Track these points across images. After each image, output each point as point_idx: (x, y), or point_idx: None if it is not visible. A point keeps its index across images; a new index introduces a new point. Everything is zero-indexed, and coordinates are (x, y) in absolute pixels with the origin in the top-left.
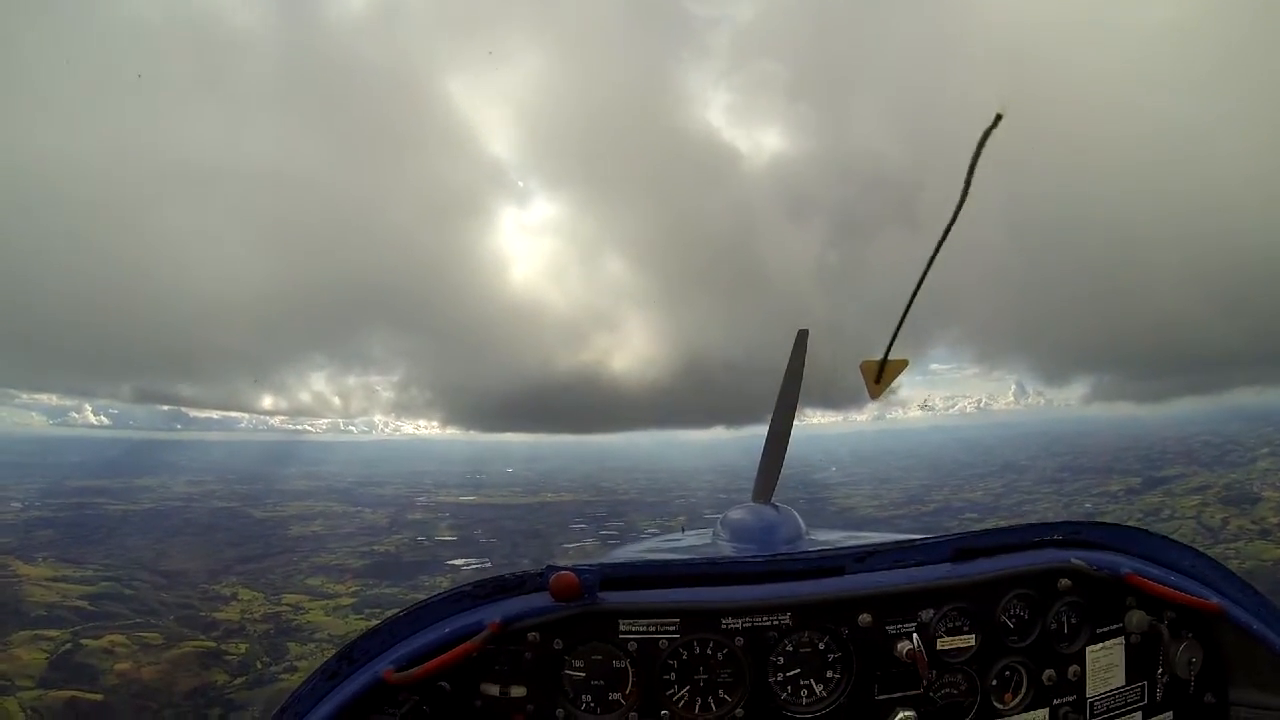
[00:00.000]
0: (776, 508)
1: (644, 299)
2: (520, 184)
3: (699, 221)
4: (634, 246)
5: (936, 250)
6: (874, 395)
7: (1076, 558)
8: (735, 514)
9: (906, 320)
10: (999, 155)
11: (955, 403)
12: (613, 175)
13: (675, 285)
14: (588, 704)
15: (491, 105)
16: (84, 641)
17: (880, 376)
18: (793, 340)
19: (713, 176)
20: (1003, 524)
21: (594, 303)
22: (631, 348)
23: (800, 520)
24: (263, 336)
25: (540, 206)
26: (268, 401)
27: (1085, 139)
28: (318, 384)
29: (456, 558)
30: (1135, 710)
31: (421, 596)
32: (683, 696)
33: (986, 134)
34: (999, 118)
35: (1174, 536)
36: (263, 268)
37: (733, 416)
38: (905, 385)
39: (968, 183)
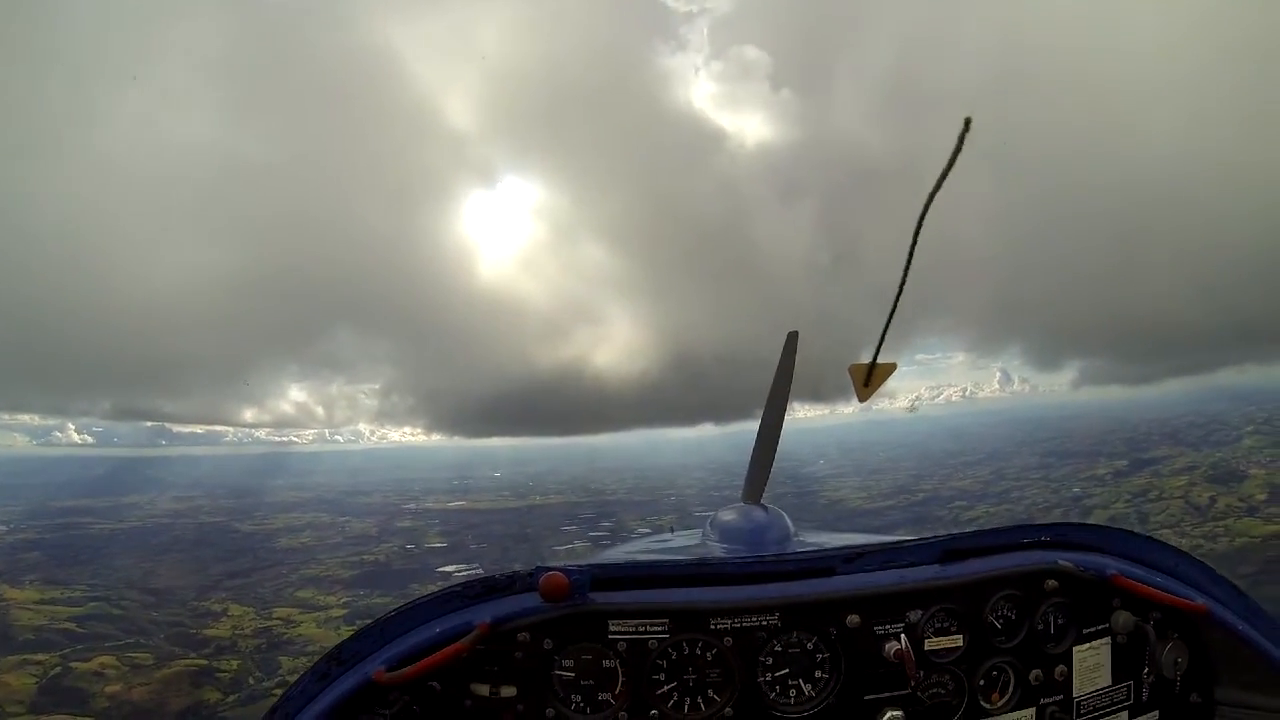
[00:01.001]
0: (766, 508)
1: (627, 289)
2: (490, 166)
3: (682, 207)
4: (613, 233)
5: (910, 256)
6: (862, 399)
7: (1063, 559)
8: (724, 515)
9: (893, 321)
10: (989, 142)
11: (941, 391)
12: (589, 158)
13: (659, 274)
14: (577, 704)
15: (457, 81)
16: (73, 664)
17: (869, 380)
18: (783, 334)
19: (696, 159)
20: (991, 516)
21: (574, 294)
22: (615, 342)
23: (789, 521)
24: (233, 345)
25: (512, 190)
26: (250, 414)
27: (1074, 121)
28: (297, 394)
29: (447, 564)
30: (1121, 710)
31: None
32: (672, 696)
33: (960, 139)
34: (968, 121)
35: (1162, 517)
36: (224, 272)
37: (721, 413)
38: (894, 375)
39: (938, 185)
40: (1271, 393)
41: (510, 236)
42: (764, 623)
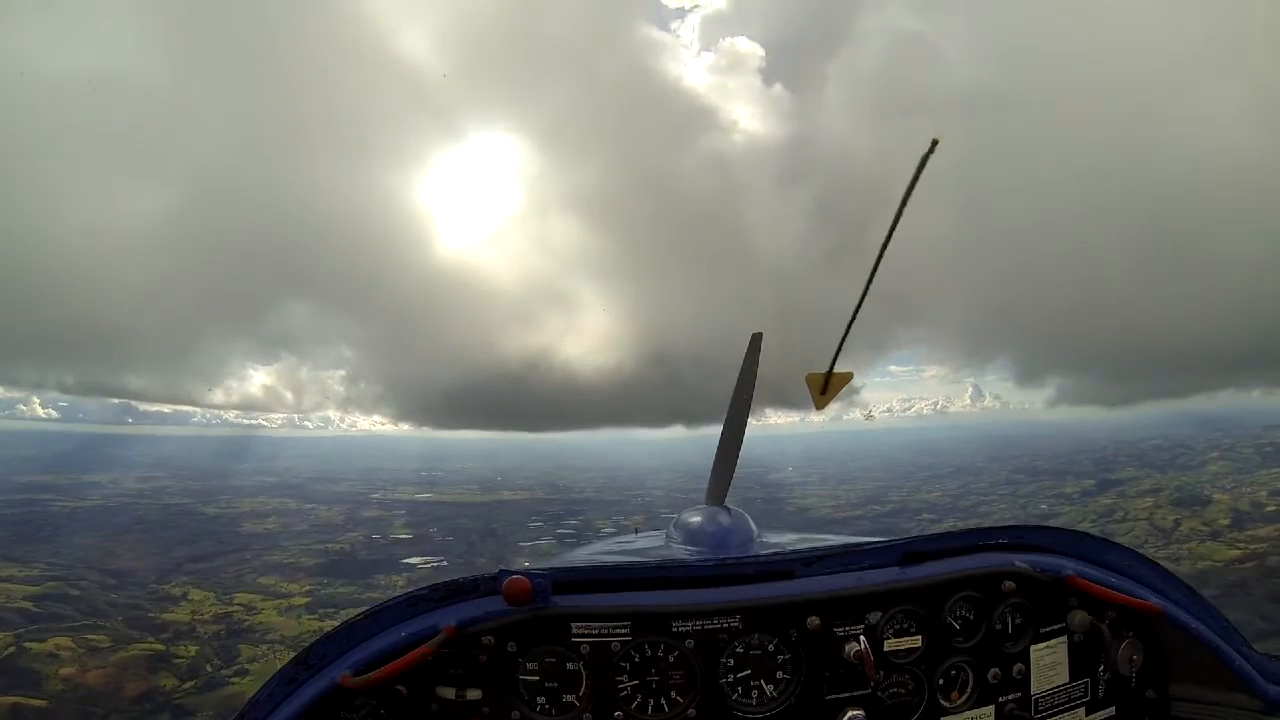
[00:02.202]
0: (729, 510)
1: (603, 275)
2: (455, 120)
3: (666, 190)
4: (590, 213)
5: (874, 271)
6: (820, 407)
7: (1020, 561)
8: (688, 516)
9: (863, 329)
10: (979, 150)
11: (912, 404)
12: (564, 124)
13: (639, 262)
14: (542, 706)
15: (420, 17)
16: (28, 645)
17: (826, 388)
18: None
19: (683, 138)
20: (951, 528)
21: (547, 277)
22: (589, 335)
23: (752, 523)
24: (173, 318)
25: (480, 152)
26: (219, 395)
27: (1078, 130)
28: (264, 378)
29: (412, 556)
30: (1078, 706)
31: (376, 596)
32: (635, 698)
33: (924, 159)
34: (935, 143)
35: (1127, 538)
36: (150, 231)
37: (692, 416)
38: (866, 387)
39: (904, 203)
40: (1236, 420)
41: (477, 205)
42: (725, 625)
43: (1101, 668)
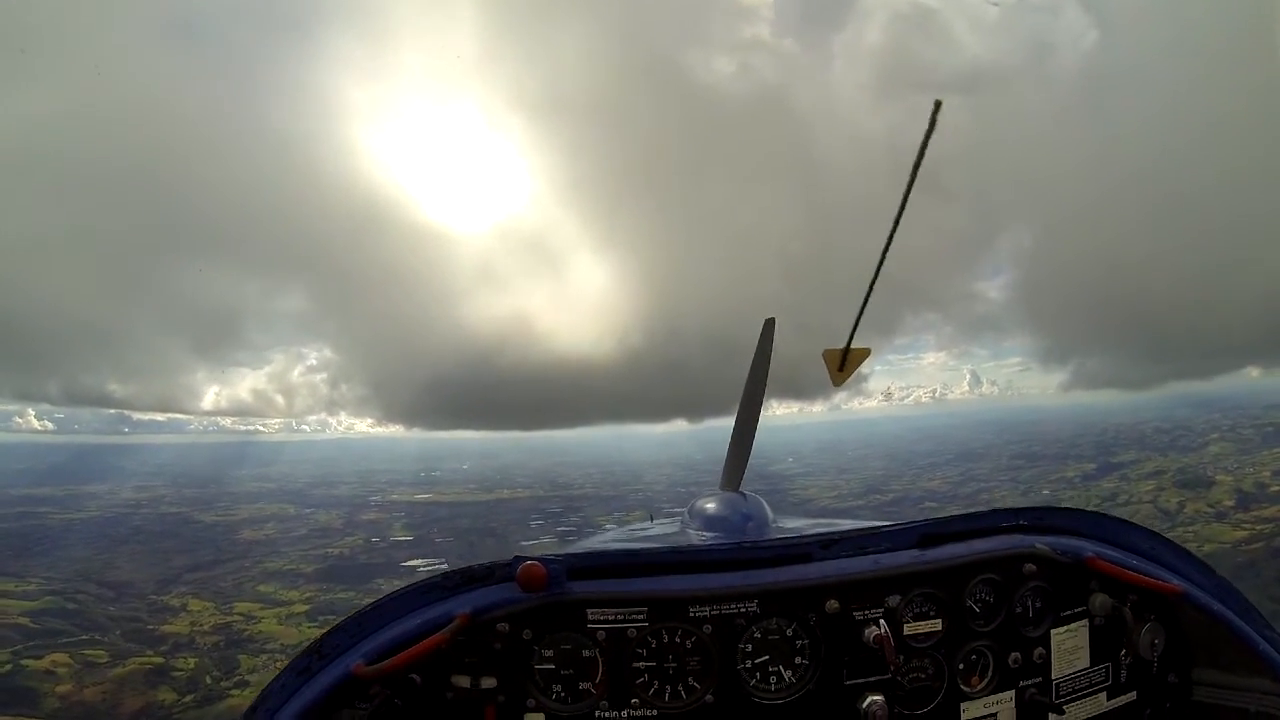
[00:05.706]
0: (744, 495)
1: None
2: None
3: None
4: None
5: (889, 241)
6: (837, 383)
7: (1040, 543)
8: (703, 502)
9: (873, 312)
10: (999, 137)
11: (911, 392)
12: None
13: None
14: (558, 693)
15: None
16: (24, 662)
17: (844, 365)
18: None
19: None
20: (969, 510)
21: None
22: (588, 322)
23: (768, 508)
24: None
25: (420, 58)
26: (209, 402)
27: (1091, 113)
28: (237, 379)
29: (412, 558)
30: (1100, 691)
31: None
32: (652, 684)
33: (932, 122)
34: (938, 104)
35: (1132, 520)
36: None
37: (695, 409)
38: (872, 374)
39: (915, 169)
40: (1234, 400)
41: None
42: (743, 610)
43: (1123, 651)
